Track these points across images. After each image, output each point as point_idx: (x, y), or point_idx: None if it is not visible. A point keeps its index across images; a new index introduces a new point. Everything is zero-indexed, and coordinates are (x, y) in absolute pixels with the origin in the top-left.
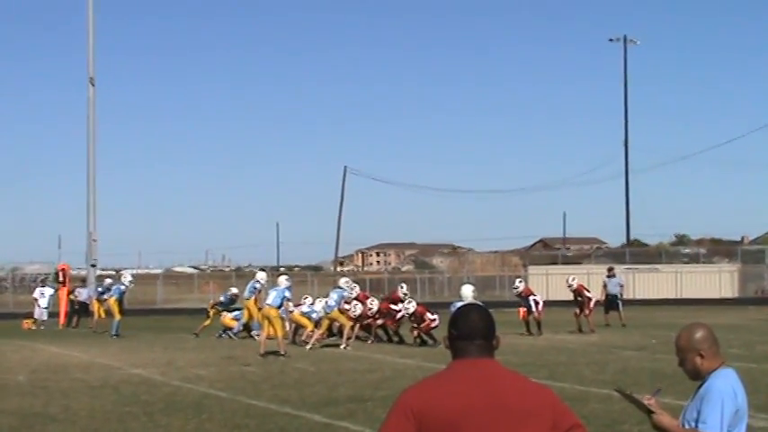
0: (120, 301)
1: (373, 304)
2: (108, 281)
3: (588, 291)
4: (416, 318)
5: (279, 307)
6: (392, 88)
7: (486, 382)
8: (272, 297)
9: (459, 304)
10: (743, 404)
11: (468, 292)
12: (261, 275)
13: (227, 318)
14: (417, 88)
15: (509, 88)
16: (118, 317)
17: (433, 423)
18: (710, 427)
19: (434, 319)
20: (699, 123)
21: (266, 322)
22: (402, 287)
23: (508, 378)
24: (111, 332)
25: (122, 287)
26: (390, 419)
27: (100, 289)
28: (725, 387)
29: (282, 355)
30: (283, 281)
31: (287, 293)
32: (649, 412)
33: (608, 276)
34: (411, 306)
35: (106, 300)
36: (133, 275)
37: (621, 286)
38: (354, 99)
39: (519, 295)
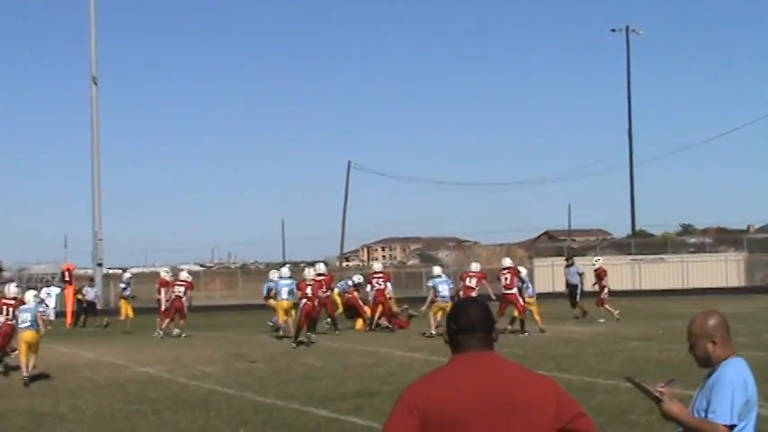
0: (126, 301)
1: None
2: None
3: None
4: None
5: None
6: (395, 82)
7: (488, 376)
8: (286, 292)
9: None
10: (753, 394)
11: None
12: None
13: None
14: (419, 82)
15: (512, 81)
16: (122, 317)
17: (437, 418)
18: (720, 416)
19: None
20: (703, 113)
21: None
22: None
23: (510, 370)
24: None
25: (123, 285)
26: (395, 415)
27: (122, 285)
28: (735, 377)
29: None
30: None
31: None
32: (658, 401)
33: (567, 267)
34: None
35: (132, 297)
36: (139, 274)
37: (581, 275)
38: (357, 94)
39: (596, 272)
